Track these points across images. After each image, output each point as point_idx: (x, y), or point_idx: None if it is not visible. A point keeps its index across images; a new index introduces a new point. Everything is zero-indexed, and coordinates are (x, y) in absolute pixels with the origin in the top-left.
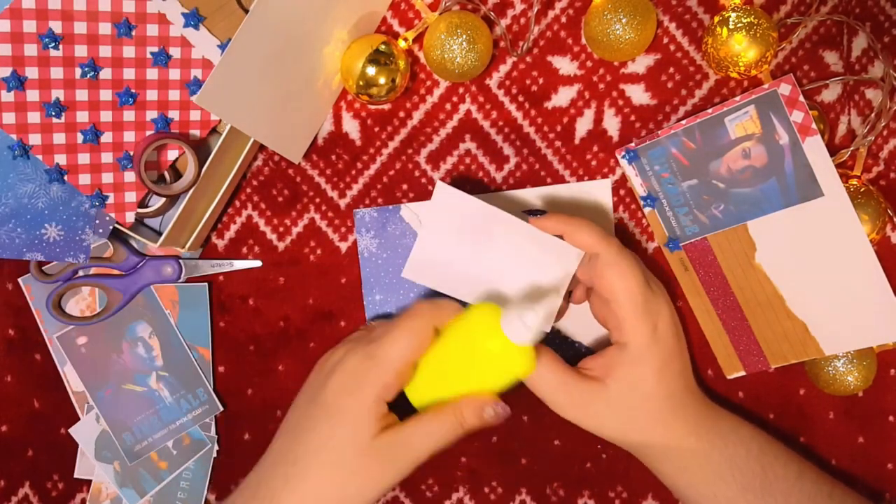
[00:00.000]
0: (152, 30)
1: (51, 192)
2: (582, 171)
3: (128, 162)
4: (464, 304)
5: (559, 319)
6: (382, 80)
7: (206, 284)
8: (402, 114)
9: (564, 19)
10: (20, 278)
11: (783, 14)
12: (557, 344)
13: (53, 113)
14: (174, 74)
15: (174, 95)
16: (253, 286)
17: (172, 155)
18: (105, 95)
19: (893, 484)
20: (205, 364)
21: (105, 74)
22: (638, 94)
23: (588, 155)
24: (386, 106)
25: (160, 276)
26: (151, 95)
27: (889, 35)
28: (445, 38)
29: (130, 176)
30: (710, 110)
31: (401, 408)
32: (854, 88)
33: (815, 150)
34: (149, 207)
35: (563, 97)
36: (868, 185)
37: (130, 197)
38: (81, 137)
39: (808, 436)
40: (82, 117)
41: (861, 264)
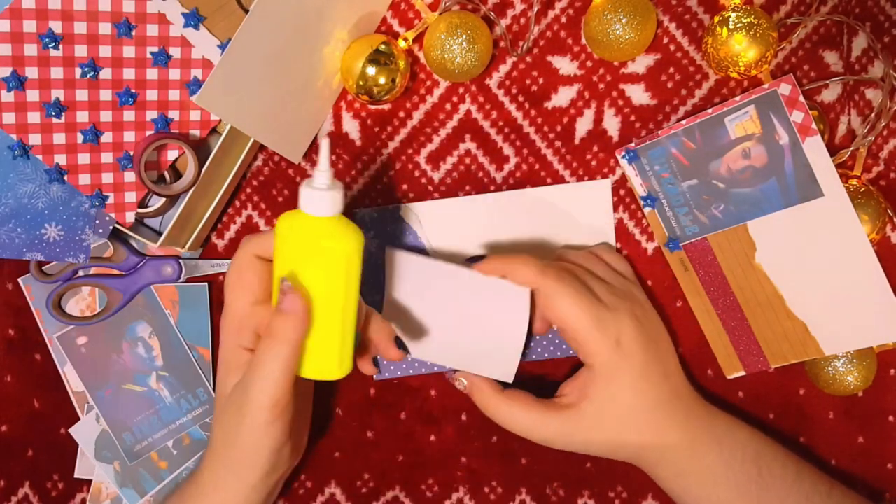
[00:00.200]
0: (152, 30)
1: (51, 192)
2: (582, 171)
3: (128, 162)
4: (444, 368)
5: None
6: (382, 80)
7: (206, 284)
8: (402, 114)
9: (564, 19)
10: (20, 278)
11: (783, 14)
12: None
13: (53, 113)
14: (174, 74)
15: (174, 95)
16: None
17: (172, 155)
18: (105, 95)
19: (893, 484)
20: (205, 364)
21: (105, 74)
22: (638, 94)
23: (588, 155)
24: (386, 106)
25: (160, 276)
26: (151, 95)
27: (889, 35)
28: (445, 38)
29: (130, 176)
30: (710, 110)
31: None
32: (854, 88)
33: (815, 150)
34: (149, 207)
35: (563, 97)
36: (868, 185)
37: (130, 197)
38: (81, 137)
39: (808, 436)
40: (82, 117)
41: (861, 264)
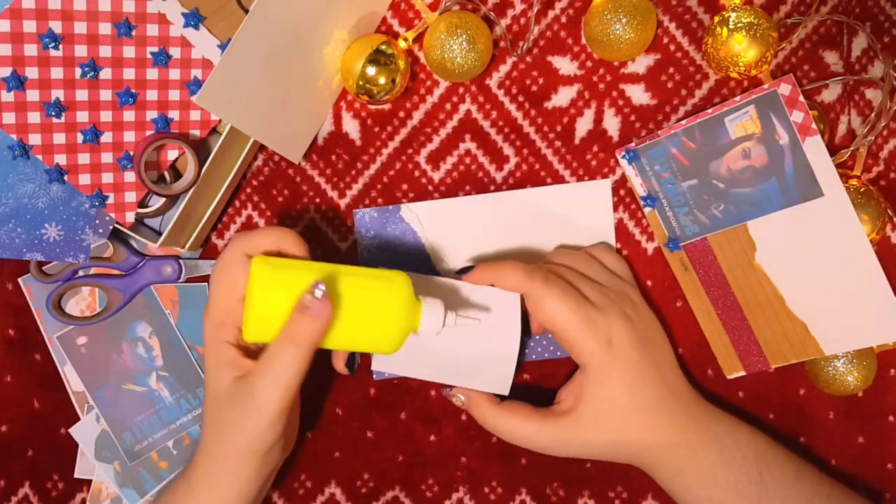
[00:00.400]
0: (152, 30)
1: (51, 192)
2: (582, 171)
3: (128, 162)
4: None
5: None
6: (382, 80)
7: (206, 284)
8: (402, 114)
9: (564, 19)
10: (20, 278)
11: (783, 14)
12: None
13: (53, 113)
14: (174, 74)
15: (174, 95)
16: None
17: (172, 155)
18: (105, 95)
19: (893, 484)
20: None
21: (105, 74)
22: (638, 94)
23: (588, 155)
24: (386, 106)
25: (160, 276)
26: (151, 95)
27: (889, 35)
28: (445, 38)
29: (130, 176)
30: (710, 110)
31: None
32: (854, 88)
33: (815, 150)
34: (149, 207)
35: (563, 97)
36: (868, 185)
37: (130, 197)
38: (81, 137)
39: (808, 436)
40: (82, 117)
41: (861, 264)
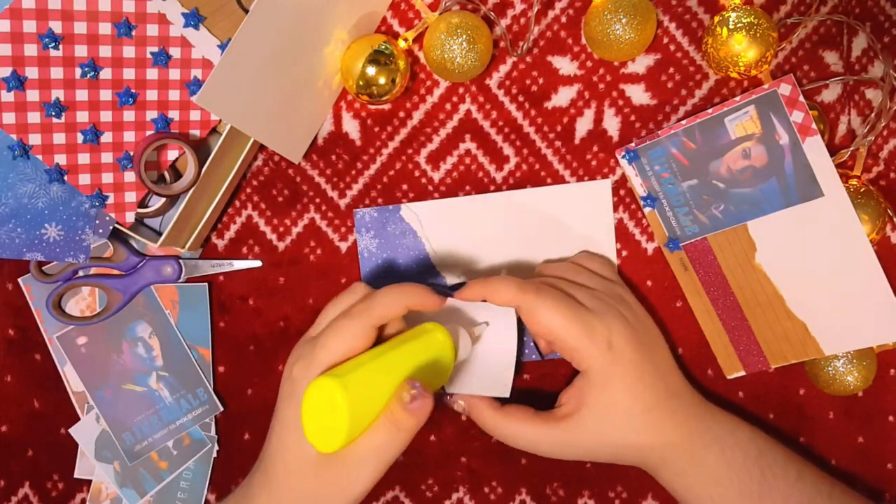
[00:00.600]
0: (152, 30)
1: (51, 192)
2: (582, 171)
3: (128, 162)
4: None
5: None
6: (382, 80)
7: (206, 284)
8: (402, 114)
9: (564, 19)
10: (20, 278)
11: (783, 14)
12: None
13: (53, 113)
14: (174, 74)
15: (174, 95)
16: (253, 286)
17: (172, 155)
18: (105, 95)
19: (893, 484)
20: (205, 364)
21: (105, 74)
22: (638, 94)
23: (588, 155)
24: (386, 106)
25: (160, 276)
26: (151, 95)
27: (889, 35)
28: (445, 38)
29: (130, 176)
30: (710, 110)
31: None
32: (854, 88)
33: (815, 150)
34: (149, 207)
35: (563, 97)
36: (868, 185)
37: (130, 197)
38: (81, 137)
39: (808, 436)
40: (82, 117)
41: (861, 264)
